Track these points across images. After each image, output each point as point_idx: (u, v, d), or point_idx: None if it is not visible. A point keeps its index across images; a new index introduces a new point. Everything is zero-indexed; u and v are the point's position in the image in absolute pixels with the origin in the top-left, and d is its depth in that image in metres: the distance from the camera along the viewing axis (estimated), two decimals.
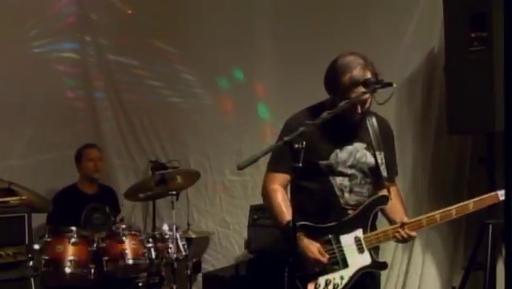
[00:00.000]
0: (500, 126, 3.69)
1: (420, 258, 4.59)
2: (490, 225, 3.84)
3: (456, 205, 3.23)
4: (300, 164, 2.72)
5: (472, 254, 3.97)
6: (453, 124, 4.12)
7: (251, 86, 5.38)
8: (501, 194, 3.20)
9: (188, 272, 4.76)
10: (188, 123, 5.70)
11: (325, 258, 3.09)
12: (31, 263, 4.12)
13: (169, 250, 4.57)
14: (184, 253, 4.65)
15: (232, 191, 5.48)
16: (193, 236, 5.08)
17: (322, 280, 3.11)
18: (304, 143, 2.72)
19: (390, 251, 4.70)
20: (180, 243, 4.65)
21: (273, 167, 3.26)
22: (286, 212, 3.13)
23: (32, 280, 4.09)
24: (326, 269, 3.11)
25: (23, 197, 4.16)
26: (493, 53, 3.79)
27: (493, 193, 3.24)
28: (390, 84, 3.00)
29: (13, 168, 5.18)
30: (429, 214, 3.23)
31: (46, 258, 4.26)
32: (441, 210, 3.23)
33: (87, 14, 5.96)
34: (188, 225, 5.23)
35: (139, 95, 5.94)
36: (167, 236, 4.61)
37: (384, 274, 4.72)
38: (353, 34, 4.68)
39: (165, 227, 4.66)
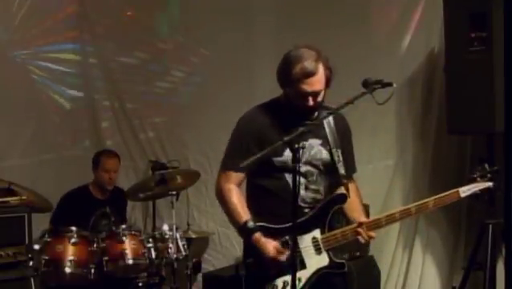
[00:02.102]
0: (500, 126, 3.69)
1: (420, 257, 4.60)
2: (490, 225, 3.84)
3: (415, 204, 3.15)
4: (300, 165, 2.70)
5: (472, 254, 3.97)
6: (452, 124, 4.12)
7: (251, 84, 5.38)
8: (462, 191, 3.09)
9: (188, 272, 4.75)
10: (188, 123, 5.70)
11: (283, 256, 3.00)
12: (31, 263, 4.11)
13: (169, 250, 4.57)
14: (184, 253, 4.64)
15: None
16: (193, 236, 5.08)
17: (279, 282, 3.05)
18: (304, 143, 2.70)
19: (390, 251, 4.71)
20: (180, 243, 4.65)
21: (227, 166, 3.21)
22: (242, 212, 3.09)
23: (32, 280, 4.09)
24: (283, 270, 3.02)
25: (23, 197, 4.16)
26: (493, 53, 3.79)
27: (453, 190, 3.12)
28: (390, 84, 2.99)
29: (13, 168, 5.18)
30: (388, 213, 3.14)
31: (46, 258, 4.26)
32: (400, 209, 3.16)
33: (87, 14, 5.96)
34: (188, 225, 5.22)
35: (139, 95, 5.94)
36: (167, 236, 4.61)
37: (383, 274, 4.75)
38: (353, 34, 4.68)
39: (165, 227, 4.66)
